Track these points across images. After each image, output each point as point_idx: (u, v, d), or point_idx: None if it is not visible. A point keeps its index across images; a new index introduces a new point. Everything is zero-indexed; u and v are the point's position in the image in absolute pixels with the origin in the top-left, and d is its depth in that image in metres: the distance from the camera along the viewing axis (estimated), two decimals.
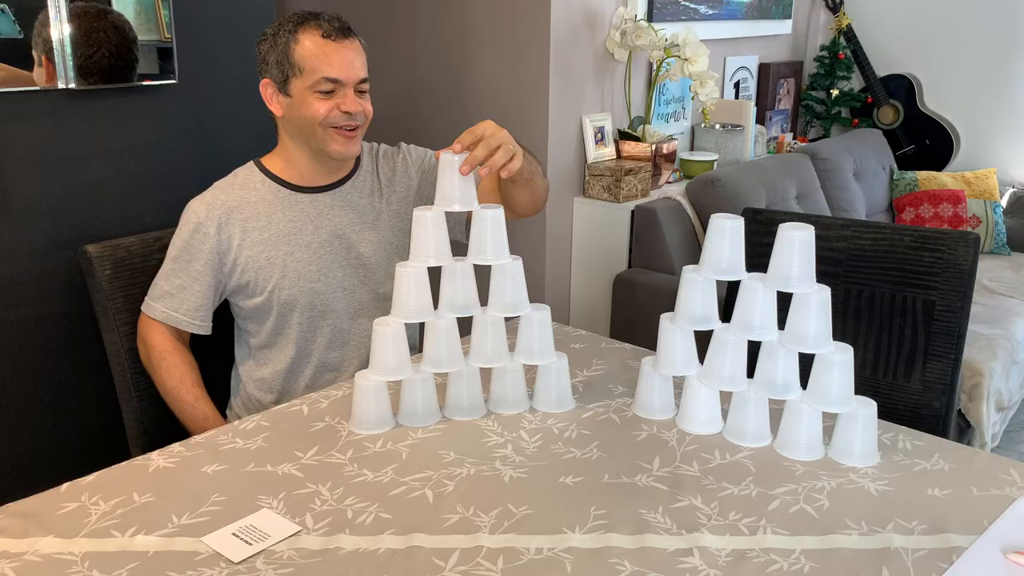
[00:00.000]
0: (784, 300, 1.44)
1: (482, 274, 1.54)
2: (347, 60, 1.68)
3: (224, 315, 1.82)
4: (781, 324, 1.45)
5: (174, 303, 1.73)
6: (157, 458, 1.38)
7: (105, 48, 1.88)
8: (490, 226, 1.50)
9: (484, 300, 1.55)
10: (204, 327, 1.76)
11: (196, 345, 1.79)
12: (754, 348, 1.46)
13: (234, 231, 1.73)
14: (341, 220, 1.79)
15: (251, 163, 1.81)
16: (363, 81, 1.72)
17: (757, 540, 1.18)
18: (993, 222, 3.73)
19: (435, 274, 1.52)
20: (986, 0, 3.90)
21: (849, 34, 4.03)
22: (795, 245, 1.40)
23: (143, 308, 1.76)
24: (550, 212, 2.93)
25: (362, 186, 1.83)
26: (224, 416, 1.78)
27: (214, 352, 1.85)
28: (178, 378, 1.72)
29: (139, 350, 1.78)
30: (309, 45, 1.67)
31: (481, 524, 1.21)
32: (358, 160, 1.84)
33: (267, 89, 1.72)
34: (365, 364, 1.52)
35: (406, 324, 1.50)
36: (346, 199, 1.80)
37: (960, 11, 3.96)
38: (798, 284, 1.40)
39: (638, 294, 2.87)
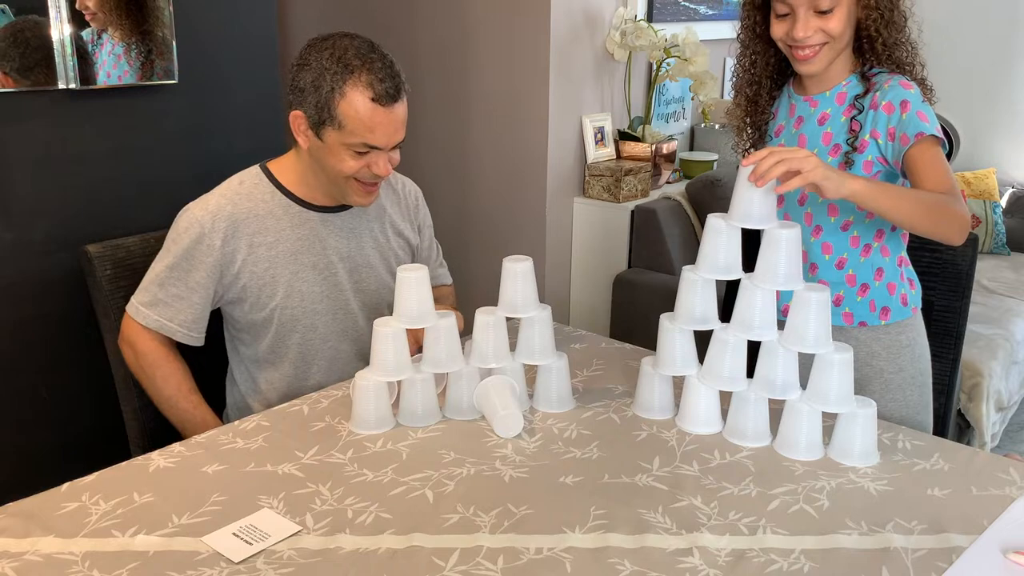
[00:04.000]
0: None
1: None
2: (393, 128, 1.59)
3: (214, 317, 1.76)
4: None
5: (169, 312, 1.65)
6: (157, 458, 1.38)
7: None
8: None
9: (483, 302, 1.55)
10: (198, 339, 1.69)
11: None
12: (754, 348, 1.46)
13: (240, 244, 1.65)
14: (349, 243, 1.74)
15: (257, 169, 1.72)
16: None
17: (757, 540, 1.19)
18: (992, 222, 3.73)
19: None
20: (986, 1, 3.90)
21: None
22: (782, 243, 1.40)
23: (130, 311, 1.67)
24: (550, 212, 2.93)
25: (372, 212, 1.78)
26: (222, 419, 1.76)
27: (198, 350, 1.76)
28: (175, 387, 1.67)
29: (124, 352, 1.70)
30: (357, 107, 1.55)
31: (481, 524, 1.21)
32: None
33: (298, 122, 1.62)
34: None
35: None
36: (356, 222, 1.76)
37: (960, 11, 3.96)
38: (786, 283, 1.41)
39: (638, 294, 2.87)
